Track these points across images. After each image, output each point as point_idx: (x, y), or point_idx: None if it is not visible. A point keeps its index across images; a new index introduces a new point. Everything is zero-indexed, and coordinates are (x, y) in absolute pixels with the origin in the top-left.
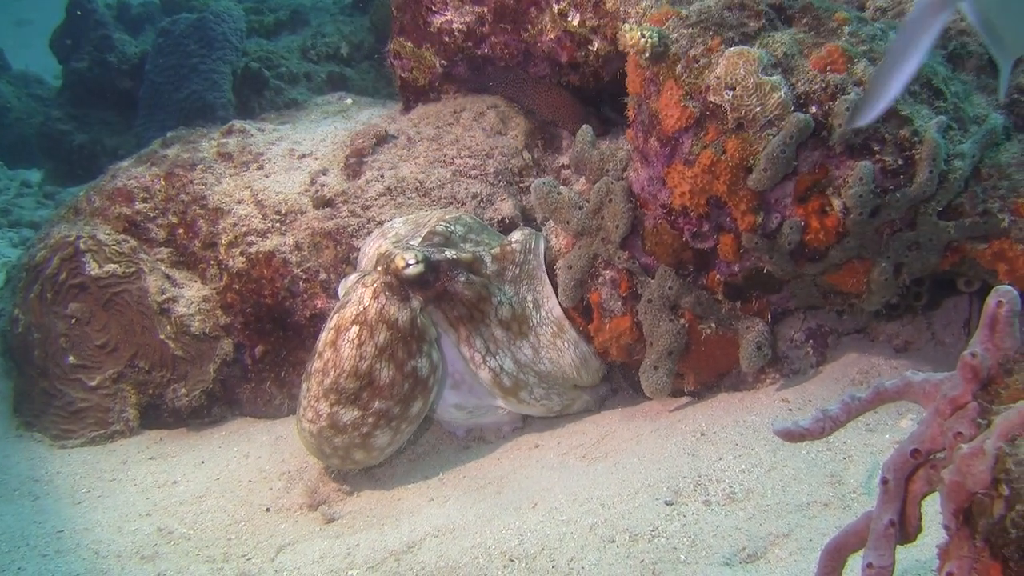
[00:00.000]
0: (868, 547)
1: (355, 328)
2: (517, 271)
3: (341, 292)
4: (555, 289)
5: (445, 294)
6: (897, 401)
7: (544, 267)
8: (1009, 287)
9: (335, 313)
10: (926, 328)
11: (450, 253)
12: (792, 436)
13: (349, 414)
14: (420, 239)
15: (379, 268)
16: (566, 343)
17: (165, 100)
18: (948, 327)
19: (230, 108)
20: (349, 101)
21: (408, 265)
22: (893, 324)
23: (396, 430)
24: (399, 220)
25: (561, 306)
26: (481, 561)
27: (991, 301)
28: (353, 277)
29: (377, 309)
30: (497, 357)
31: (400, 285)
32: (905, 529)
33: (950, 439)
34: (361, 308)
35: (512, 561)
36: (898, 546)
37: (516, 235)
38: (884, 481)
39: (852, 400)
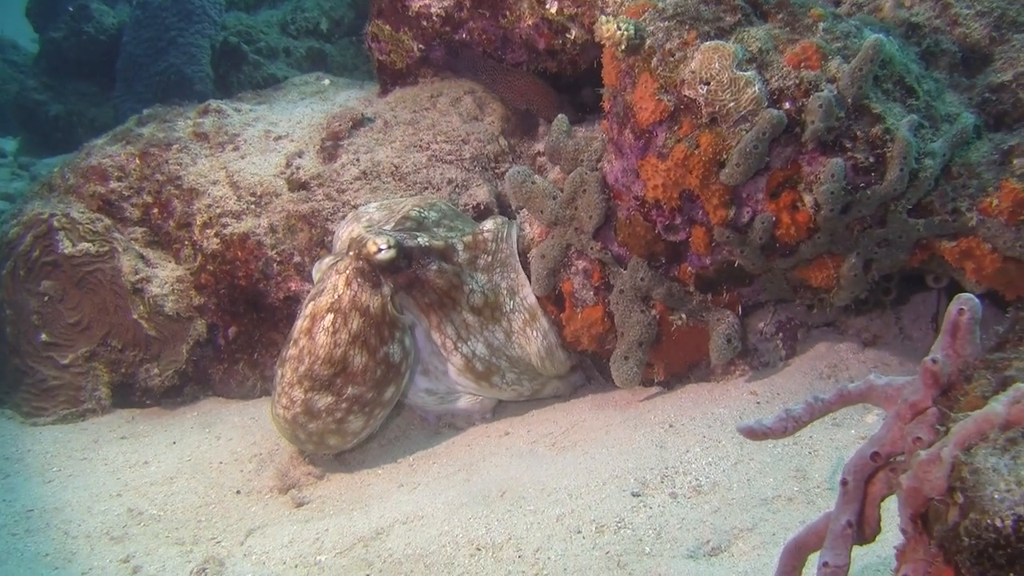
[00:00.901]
0: (825, 547)
1: (330, 316)
2: (490, 259)
3: (315, 275)
4: (529, 277)
5: (416, 281)
6: (860, 403)
7: (517, 255)
8: (970, 295)
9: (310, 300)
10: (894, 323)
11: (423, 240)
12: (755, 435)
13: (323, 400)
14: (393, 224)
15: (351, 253)
16: (535, 332)
17: (143, 72)
18: (916, 321)
19: (208, 82)
20: (327, 82)
21: (380, 250)
22: (862, 318)
23: (369, 415)
24: (374, 204)
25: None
26: (448, 550)
27: (953, 308)
28: (327, 260)
29: (350, 296)
30: (469, 343)
31: (372, 271)
32: (863, 530)
33: (909, 444)
34: (336, 296)
35: (479, 550)
36: (858, 545)
37: (488, 224)
38: (844, 483)
39: (816, 401)
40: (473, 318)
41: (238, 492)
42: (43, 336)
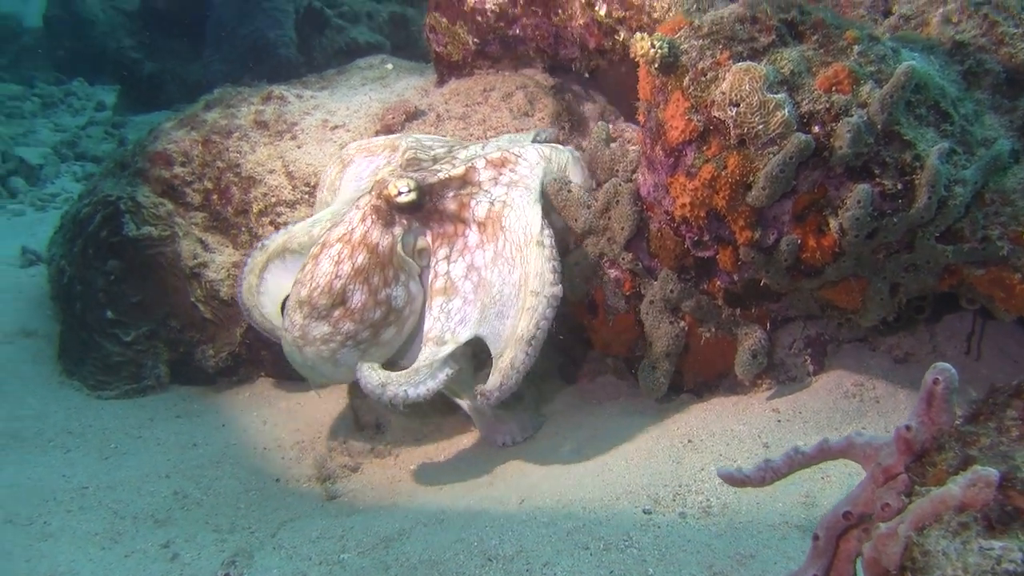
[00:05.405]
0: None
1: (338, 246)
2: (516, 178)
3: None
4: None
5: (435, 211)
6: (841, 459)
7: (540, 195)
8: (947, 366)
9: (326, 231)
10: (928, 340)
11: (443, 172)
12: (734, 481)
13: (319, 328)
14: (400, 157)
15: (373, 192)
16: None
17: (231, 35)
18: (951, 340)
19: (291, 46)
20: (390, 66)
21: (401, 193)
22: (895, 335)
23: (364, 352)
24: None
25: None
26: (461, 558)
27: (929, 378)
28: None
29: (363, 231)
30: (453, 263)
31: (388, 210)
32: None
33: (879, 508)
34: (349, 228)
35: (490, 561)
36: None
37: (537, 152)
38: (815, 537)
39: (796, 454)
40: (476, 237)
41: (277, 480)
42: (108, 313)
